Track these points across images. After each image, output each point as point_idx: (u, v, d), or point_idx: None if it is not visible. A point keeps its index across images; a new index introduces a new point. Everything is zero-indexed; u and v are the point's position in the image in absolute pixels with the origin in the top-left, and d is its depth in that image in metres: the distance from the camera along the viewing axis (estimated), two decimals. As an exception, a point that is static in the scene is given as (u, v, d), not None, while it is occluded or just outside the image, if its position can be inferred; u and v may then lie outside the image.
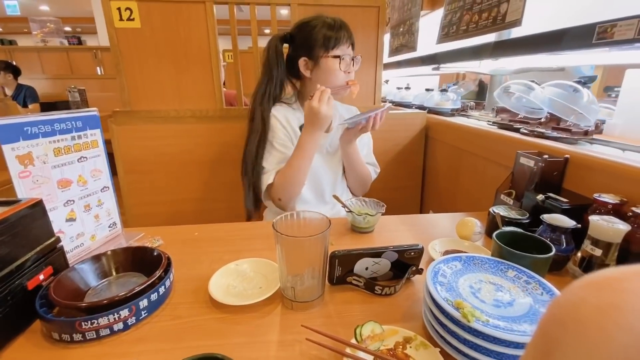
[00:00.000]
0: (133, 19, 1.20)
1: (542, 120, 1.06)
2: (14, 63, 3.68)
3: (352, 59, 0.96)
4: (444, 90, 1.59)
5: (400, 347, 0.44)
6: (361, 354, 0.42)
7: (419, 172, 1.53)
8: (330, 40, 0.92)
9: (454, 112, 1.53)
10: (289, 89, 1.07)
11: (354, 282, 0.57)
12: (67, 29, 8.28)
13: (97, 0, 4.85)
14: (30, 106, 3.54)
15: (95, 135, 0.69)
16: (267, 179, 0.95)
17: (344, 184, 1.12)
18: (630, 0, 0.69)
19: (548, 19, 1.06)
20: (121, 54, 1.22)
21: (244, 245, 0.74)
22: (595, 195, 0.64)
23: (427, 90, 1.79)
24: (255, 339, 0.47)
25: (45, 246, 0.53)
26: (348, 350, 0.42)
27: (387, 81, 2.95)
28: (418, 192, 1.55)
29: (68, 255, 0.60)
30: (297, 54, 0.97)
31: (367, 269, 0.58)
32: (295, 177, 0.93)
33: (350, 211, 0.77)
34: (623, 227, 0.55)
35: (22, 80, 3.63)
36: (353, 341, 0.44)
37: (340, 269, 0.56)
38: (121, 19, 1.19)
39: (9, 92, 3.52)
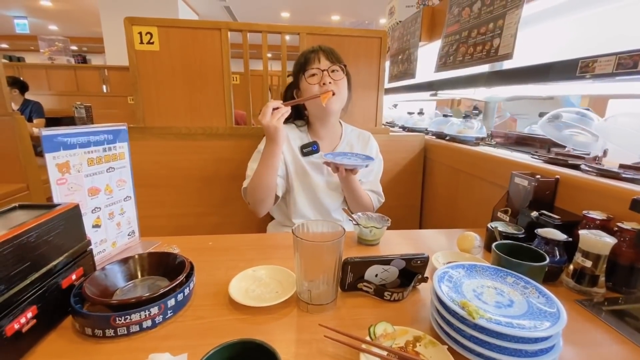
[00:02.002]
0: (153, 43, 1.28)
1: (599, 155, 0.93)
2: (22, 79, 3.76)
3: (325, 71, 1.00)
4: (467, 117, 1.45)
5: (411, 345, 0.48)
6: (375, 350, 0.46)
7: (418, 192, 1.59)
8: (301, 65, 1.03)
9: (478, 142, 1.36)
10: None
11: (364, 288, 0.61)
12: (73, 47, 8.52)
13: (107, 22, 5.05)
14: (35, 121, 3.60)
15: (123, 147, 0.75)
16: (245, 183, 1.05)
17: (342, 199, 1.16)
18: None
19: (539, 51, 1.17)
20: (139, 74, 1.29)
21: (256, 254, 0.78)
22: (584, 212, 0.70)
23: (446, 116, 1.65)
24: (275, 337, 0.51)
25: (78, 248, 0.56)
26: (364, 346, 0.46)
27: (395, 105, 2.85)
28: (417, 210, 1.60)
29: (92, 260, 0.64)
30: (294, 87, 1.09)
31: (376, 275, 0.62)
32: (257, 184, 0.99)
33: (358, 224, 0.82)
34: (610, 240, 0.60)
35: (28, 95, 3.70)
36: (367, 339, 0.48)
37: (351, 275, 0.61)
38: (141, 42, 1.28)
39: (15, 106, 3.58)
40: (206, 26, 1.31)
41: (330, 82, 1.00)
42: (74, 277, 0.55)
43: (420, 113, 2.04)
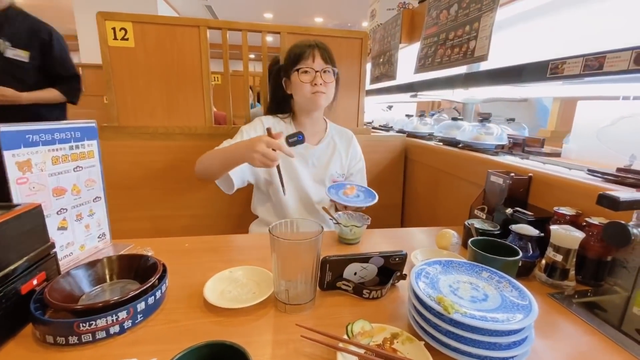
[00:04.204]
0: (127, 39, 1.24)
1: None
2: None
3: (319, 72, 1.01)
4: (484, 120, 1.22)
5: (388, 342, 0.47)
6: (353, 349, 0.45)
7: (399, 191, 1.60)
8: (294, 57, 1.02)
9: (498, 150, 1.15)
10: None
11: (343, 286, 0.61)
12: (46, 45, 8.14)
13: (82, 19, 4.87)
14: None
15: (92, 145, 0.71)
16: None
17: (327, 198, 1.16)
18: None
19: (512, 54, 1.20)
20: (113, 71, 1.25)
21: (235, 255, 0.77)
22: (555, 208, 0.72)
23: (455, 119, 1.46)
24: (251, 339, 0.49)
25: (40, 251, 0.53)
26: (341, 344, 0.45)
27: (390, 107, 2.72)
28: (399, 209, 1.62)
29: (58, 264, 0.60)
30: (282, 75, 1.09)
31: (355, 274, 0.61)
32: (208, 164, 0.97)
33: (338, 223, 0.81)
34: (579, 234, 0.62)
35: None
36: (345, 337, 0.47)
37: (330, 274, 0.60)
38: (115, 38, 1.23)
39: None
40: (184, 23, 1.28)
41: (321, 84, 1.02)
42: (35, 282, 0.52)
43: (422, 116, 1.81)
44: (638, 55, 0.61)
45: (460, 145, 1.27)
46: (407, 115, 1.92)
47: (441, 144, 1.39)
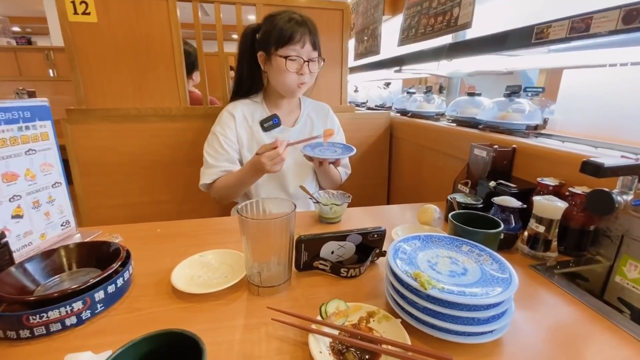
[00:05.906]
0: (89, 13, 1.15)
1: None
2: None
3: (307, 61, 0.92)
4: (513, 94, 0.98)
5: (364, 321, 0.45)
6: (326, 330, 0.43)
7: (384, 169, 1.58)
8: (282, 38, 0.89)
9: (529, 132, 0.93)
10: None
11: (320, 266, 0.58)
12: (16, 29, 7.71)
13: (50, -2, 4.57)
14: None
15: (45, 127, 0.65)
16: (207, 177, 0.98)
17: (310, 177, 1.12)
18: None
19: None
20: (76, 50, 1.16)
21: (209, 239, 0.73)
22: (539, 179, 0.70)
23: (472, 94, 1.20)
24: (221, 324, 0.47)
25: (-14, 241, 0.49)
26: (313, 326, 0.43)
27: (388, 84, 2.45)
28: (385, 187, 1.60)
29: (15, 255, 0.56)
30: (258, 46, 0.98)
31: (332, 252, 0.59)
32: (227, 194, 1.00)
33: (318, 202, 0.78)
34: (561, 204, 0.60)
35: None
36: (318, 319, 0.45)
37: (306, 254, 0.57)
38: (76, 13, 1.14)
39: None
40: (150, -5, 1.19)
41: (305, 74, 0.94)
42: (-18, 274, 0.47)
43: (428, 92, 1.51)
44: (627, 14, 0.57)
45: (480, 127, 1.03)
46: (409, 93, 1.58)
47: (454, 125, 1.17)
